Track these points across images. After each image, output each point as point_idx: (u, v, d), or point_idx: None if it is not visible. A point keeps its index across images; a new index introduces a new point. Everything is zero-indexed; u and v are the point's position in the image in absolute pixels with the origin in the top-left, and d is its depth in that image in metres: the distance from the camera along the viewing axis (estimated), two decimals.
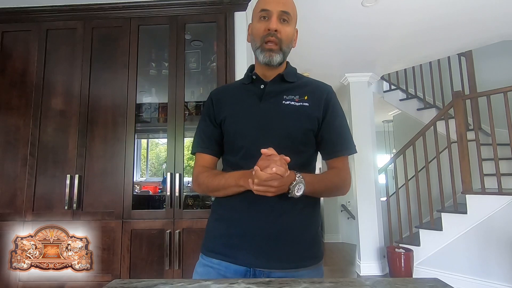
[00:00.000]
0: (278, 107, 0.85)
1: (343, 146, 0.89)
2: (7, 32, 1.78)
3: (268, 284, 0.53)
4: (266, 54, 0.85)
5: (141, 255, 1.57)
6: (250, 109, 0.87)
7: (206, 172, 0.89)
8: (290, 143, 0.83)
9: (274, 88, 0.88)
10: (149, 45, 1.93)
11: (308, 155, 0.88)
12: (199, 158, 0.94)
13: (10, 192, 1.65)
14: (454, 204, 3.06)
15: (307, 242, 0.84)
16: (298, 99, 0.86)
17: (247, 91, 0.91)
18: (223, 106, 0.92)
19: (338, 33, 2.68)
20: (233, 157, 0.89)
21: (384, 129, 6.23)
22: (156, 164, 2.58)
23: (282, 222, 0.80)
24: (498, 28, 2.68)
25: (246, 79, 0.94)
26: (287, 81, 0.89)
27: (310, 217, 0.86)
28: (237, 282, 0.54)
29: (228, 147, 0.90)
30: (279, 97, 0.86)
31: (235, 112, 0.89)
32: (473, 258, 2.84)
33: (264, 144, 0.77)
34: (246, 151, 0.84)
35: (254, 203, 0.80)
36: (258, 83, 0.90)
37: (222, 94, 0.96)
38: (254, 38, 0.88)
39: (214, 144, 0.92)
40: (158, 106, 1.89)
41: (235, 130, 0.87)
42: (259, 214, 0.81)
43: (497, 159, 2.81)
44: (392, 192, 3.70)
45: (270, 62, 0.85)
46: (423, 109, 4.13)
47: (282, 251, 0.79)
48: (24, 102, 1.71)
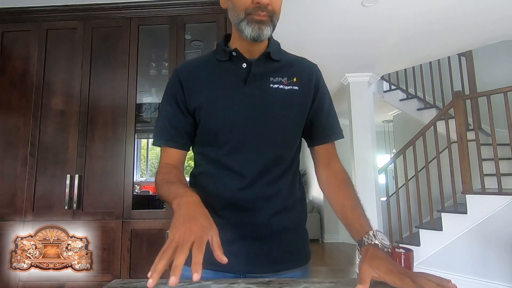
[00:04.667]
0: (265, 93, 0.72)
1: (333, 130, 0.80)
2: (7, 32, 1.78)
3: (268, 284, 0.53)
4: (255, 26, 0.68)
5: (141, 255, 1.57)
6: (233, 95, 0.72)
7: (162, 174, 0.74)
8: (282, 135, 0.74)
9: (260, 69, 0.73)
10: (149, 45, 1.93)
11: (297, 145, 0.80)
12: (164, 153, 0.77)
13: (10, 192, 1.65)
14: (454, 204, 3.06)
15: (299, 241, 0.79)
16: (286, 82, 0.74)
17: (225, 71, 0.75)
18: (197, 90, 0.74)
19: (338, 33, 2.68)
20: (214, 152, 0.75)
21: (384, 129, 6.23)
22: (156, 164, 2.58)
23: (273, 222, 0.74)
24: (498, 28, 2.68)
25: (222, 55, 0.76)
26: (273, 60, 0.75)
27: (300, 214, 0.80)
28: (237, 282, 0.54)
29: (207, 140, 0.76)
30: (265, 79, 0.73)
31: (214, 99, 0.73)
32: (473, 258, 2.84)
33: (254, 137, 0.72)
34: (232, 147, 0.72)
35: (240, 205, 0.73)
36: (238, 61, 0.74)
37: (193, 74, 0.77)
38: (236, 8, 0.69)
39: (182, 137, 0.76)
40: (158, 106, 1.89)
41: (217, 121, 0.72)
42: (247, 217, 0.73)
43: (497, 159, 2.81)
44: (392, 192, 3.70)
45: (259, 36, 0.69)
46: (423, 109, 4.13)
47: (275, 253, 0.74)
48: (24, 102, 1.71)
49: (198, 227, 0.50)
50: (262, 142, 0.72)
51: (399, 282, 0.49)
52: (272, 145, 0.73)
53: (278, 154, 0.74)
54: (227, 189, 0.73)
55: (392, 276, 0.50)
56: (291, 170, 0.78)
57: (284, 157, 0.75)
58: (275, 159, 0.74)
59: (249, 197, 0.72)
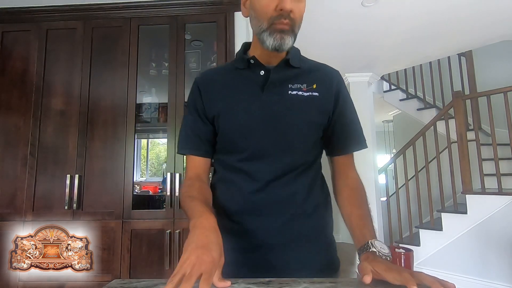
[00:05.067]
0: (284, 99, 0.71)
1: (355, 140, 0.78)
2: (7, 32, 1.78)
3: (268, 284, 0.53)
4: (277, 36, 0.67)
5: (141, 255, 1.57)
6: (250, 101, 0.72)
7: (186, 187, 0.74)
8: (301, 141, 0.72)
9: (278, 76, 0.73)
10: (149, 45, 1.93)
11: (317, 152, 0.78)
12: (189, 162, 0.79)
13: (10, 192, 1.65)
14: (454, 204, 3.06)
15: (321, 251, 0.74)
16: (306, 88, 0.73)
17: (243, 78, 0.75)
18: (215, 98, 0.76)
19: (338, 33, 2.68)
20: (230, 158, 0.75)
21: (384, 129, 6.23)
22: (156, 164, 2.58)
23: (290, 228, 0.70)
24: (498, 28, 2.68)
25: (240, 63, 0.77)
26: (292, 67, 0.74)
27: (321, 220, 0.76)
28: (237, 282, 0.54)
29: (224, 147, 0.76)
30: (284, 86, 0.72)
31: (231, 106, 0.73)
32: (473, 258, 2.83)
33: (271, 143, 0.70)
34: (250, 153, 0.72)
35: (254, 209, 0.70)
36: (256, 68, 0.74)
37: (211, 82, 0.79)
38: (259, 17, 0.69)
39: (204, 144, 0.77)
40: (158, 106, 1.89)
41: (234, 128, 0.73)
42: (261, 222, 0.70)
43: (497, 159, 2.80)
44: (392, 192, 3.69)
45: (280, 46, 0.68)
46: (423, 109, 4.13)
47: (292, 264, 0.69)
48: (24, 102, 1.71)
49: (209, 258, 0.51)
50: (280, 149, 0.71)
51: (398, 276, 0.50)
52: (289, 152, 0.71)
53: (296, 161, 0.72)
54: (240, 192, 0.72)
55: (391, 273, 0.51)
56: (309, 172, 0.75)
57: (302, 163, 0.73)
58: (292, 165, 0.72)
59: (263, 200, 0.70)
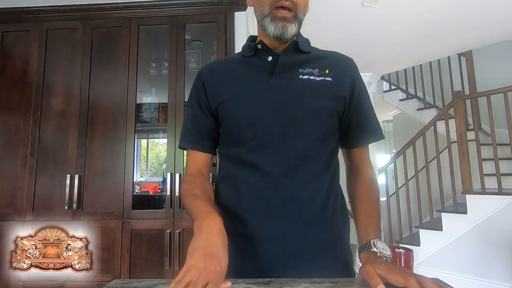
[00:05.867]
0: (294, 84, 0.67)
1: (373, 131, 0.73)
2: (7, 32, 1.78)
3: (268, 284, 0.53)
4: (279, 24, 0.65)
5: (141, 255, 1.57)
6: (258, 87, 0.68)
7: (187, 183, 0.71)
8: (313, 128, 0.66)
9: (288, 59, 0.69)
10: (149, 45, 1.93)
11: (333, 146, 0.71)
12: (189, 156, 0.76)
13: (10, 192, 1.65)
14: (454, 204, 3.06)
15: (340, 264, 0.68)
16: (318, 73, 0.68)
17: (250, 65, 0.71)
18: (219, 86, 0.71)
19: (338, 33, 2.68)
20: (237, 151, 0.68)
21: (384, 129, 6.23)
22: (156, 164, 2.58)
23: (308, 235, 0.64)
24: (498, 28, 2.68)
25: (247, 51, 0.72)
26: (302, 51, 0.71)
27: (340, 227, 0.70)
28: (237, 282, 0.54)
29: (230, 138, 0.71)
30: (294, 70, 0.68)
31: (237, 93, 0.68)
32: (473, 258, 2.83)
33: (281, 130, 0.64)
34: (257, 142, 0.65)
35: (267, 209, 0.64)
36: (264, 54, 0.70)
37: (216, 71, 0.75)
38: (261, 2, 0.67)
39: (204, 138, 0.73)
40: (158, 106, 1.89)
41: (240, 115, 0.67)
42: (275, 226, 0.63)
43: (497, 159, 2.80)
44: (392, 192, 3.69)
45: (283, 34, 0.66)
46: (423, 109, 4.13)
47: (311, 270, 0.62)
48: (24, 102, 1.71)
49: (217, 268, 0.49)
50: (291, 136, 0.65)
51: (402, 280, 0.48)
52: (302, 140, 0.65)
53: (309, 150, 0.66)
54: (250, 190, 0.66)
55: (394, 275, 0.49)
56: (328, 171, 0.70)
57: (317, 154, 0.67)
58: (306, 155, 0.66)
59: (277, 199, 0.63)
